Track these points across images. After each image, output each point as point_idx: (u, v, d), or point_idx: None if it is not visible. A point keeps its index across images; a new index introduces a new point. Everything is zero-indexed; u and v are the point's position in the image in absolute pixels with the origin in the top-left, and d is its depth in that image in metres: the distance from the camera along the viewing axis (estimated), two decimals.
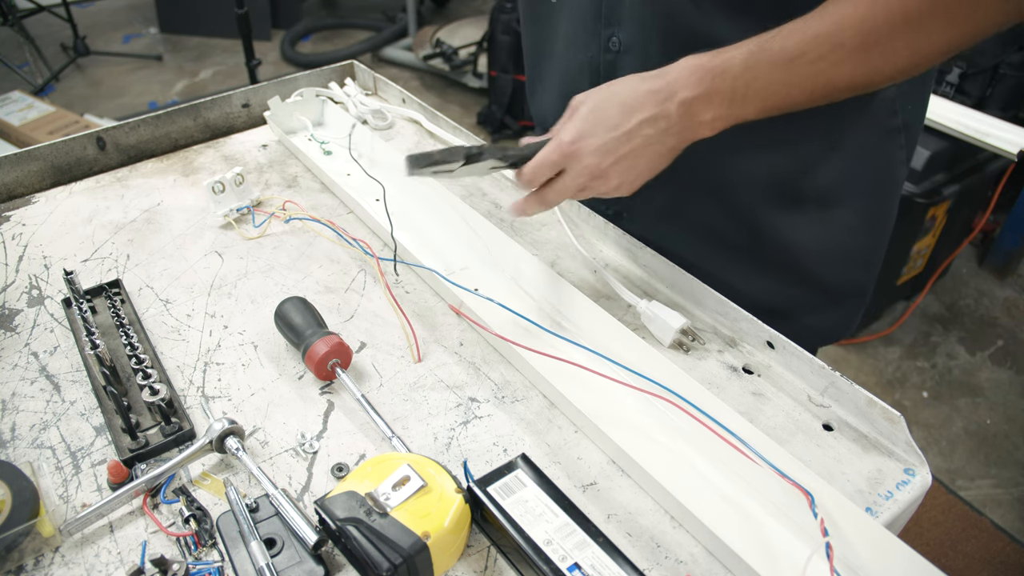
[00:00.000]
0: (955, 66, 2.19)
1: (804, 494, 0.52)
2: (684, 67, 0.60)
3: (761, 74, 0.59)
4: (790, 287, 0.83)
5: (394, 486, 0.52)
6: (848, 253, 0.83)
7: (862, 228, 0.82)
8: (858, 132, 0.75)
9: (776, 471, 0.53)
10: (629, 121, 0.61)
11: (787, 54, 0.58)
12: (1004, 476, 1.86)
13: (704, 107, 0.60)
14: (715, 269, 0.80)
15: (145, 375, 0.64)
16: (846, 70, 0.58)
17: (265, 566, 0.50)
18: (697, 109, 0.60)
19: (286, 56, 3.97)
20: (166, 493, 0.57)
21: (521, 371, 0.69)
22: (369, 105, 1.11)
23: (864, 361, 2.19)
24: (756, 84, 0.59)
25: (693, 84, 0.60)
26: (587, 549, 0.50)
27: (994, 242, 2.47)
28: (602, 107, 0.62)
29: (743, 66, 0.59)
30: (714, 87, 0.59)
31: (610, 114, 0.62)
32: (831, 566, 0.47)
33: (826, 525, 0.52)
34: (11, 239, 0.87)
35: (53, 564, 0.53)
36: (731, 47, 0.60)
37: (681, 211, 0.83)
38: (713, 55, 0.60)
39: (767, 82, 0.59)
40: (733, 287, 0.75)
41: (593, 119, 0.62)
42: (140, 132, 1.02)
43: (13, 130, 2.58)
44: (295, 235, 0.87)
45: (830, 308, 0.86)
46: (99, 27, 4.39)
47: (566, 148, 0.63)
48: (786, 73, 0.58)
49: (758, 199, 0.78)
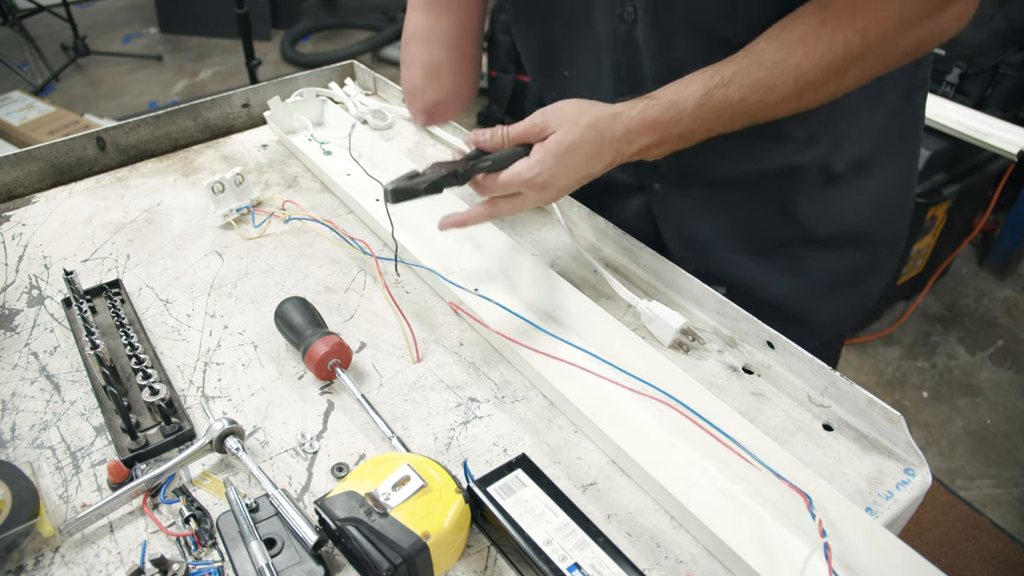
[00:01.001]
0: (955, 66, 2.19)
1: (802, 496, 0.52)
2: (641, 121, 0.67)
3: (706, 120, 0.67)
4: (835, 258, 0.85)
5: (394, 486, 0.52)
6: (888, 207, 0.85)
7: (896, 181, 0.84)
8: (877, 105, 0.77)
9: (774, 474, 0.53)
10: (588, 170, 0.68)
11: (729, 101, 0.65)
12: (1004, 476, 1.86)
13: (655, 150, 0.69)
14: (745, 265, 0.84)
15: (145, 375, 0.64)
16: (782, 108, 0.66)
17: (265, 566, 0.50)
18: (649, 151, 0.69)
19: (286, 56, 3.97)
20: (166, 493, 0.57)
21: (521, 371, 0.69)
22: (369, 105, 1.11)
23: (864, 361, 2.19)
24: (701, 128, 0.67)
25: (648, 135, 0.67)
26: (587, 549, 0.50)
27: (994, 242, 2.47)
28: (573, 152, 0.67)
29: (691, 117, 0.66)
30: (665, 135, 0.67)
31: (579, 161, 0.67)
32: (830, 567, 0.47)
33: (825, 526, 0.52)
34: (11, 239, 0.87)
35: (53, 564, 0.53)
36: (682, 90, 0.66)
37: (716, 205, 0.84)
38: (665, 108, 0.66)
39: (711, 125, 0.67)
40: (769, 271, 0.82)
41: (566, 166, 0.67)
42: (140, 132, 1.02)
43: (13, 130, 2.58)
44: (295, 235, 0.87)
45: (871, 268, 0.88)
46: (99, 27, 4.39)
47: (536, 185, 0.67)
48: (728, 116, 0.67)
49: (796, 185, 0.79)
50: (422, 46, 0.85)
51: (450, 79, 0.85)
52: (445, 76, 0.84)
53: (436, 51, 0.84)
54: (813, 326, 0.87)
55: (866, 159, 0.79)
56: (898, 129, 0.81)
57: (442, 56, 0.84)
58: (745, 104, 0.66)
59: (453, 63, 0.85)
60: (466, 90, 0.87)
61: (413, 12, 0.86)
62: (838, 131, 0.76)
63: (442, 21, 0.84)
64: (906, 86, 0.77)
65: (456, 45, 0.84)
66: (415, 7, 0.85)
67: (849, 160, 0.78)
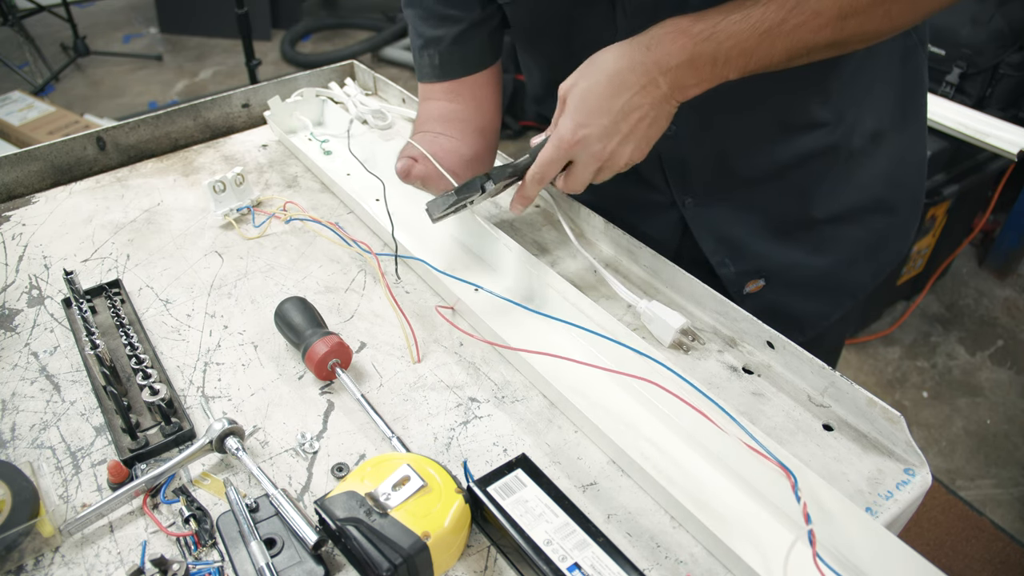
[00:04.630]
0: (955, 66, 2.19)
1: (787, 475, 0.51)
2: (666, 34, 0.61)
3: (742, 40, 0.60)
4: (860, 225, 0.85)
5: (394, 486, 0.52)
6: (905, 168, 0.85)
7: (909, 142, 0.84)
8: (886, 73, 0.77)
9: (761, 450, 0.53)
10: (620, 101, 0.62)
11: (768, 22, 0.59)
12: (1004, 476, 1.86)
13: (688, 72, 0.62)
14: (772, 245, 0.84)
15: (145, 375, 0.64)
16: (825, 35, 0.60)
17: (265, 566, 0.50)
18: (682, 75, 0.62)
19: (286, 56, 3.97)
20: (166, 493, 0.57)
21: (521, 371, 0.69)
22: (369, 105, 1.11)
23: (864, 361, 2.19)
24: (737, 49, 0.61)
25: (676, 52, 0.61)
26: (587, 549, 0.50)
27: (994, 242, 2.47)
28: (591, 92, 0.63)
29: (725, 33, 0.60)
30: (697, 52, 0.61)
31: (601, 98, 0.63)
32: (813, 552, 0.47)
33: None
34: (11, 239, 0.87)
35: (53, 564, 0.53)
36: (712, 11, 0.61)
37: (751, 203, 0.84)
38: (694, 19, 0.61)
39: (748, 47, 0.61)
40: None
41: (585, 108, 0.63)
42: (140, 132, 1.02)
43: (13, 130, 2.58)
44: (295, 235, 0.87)
45: (897, 229, 0.89)
46: (99, 27, 4.39)
47: (567, 143, 0.65)
48: (767, 39, 0.60)
49: (824, 167, 0.80)
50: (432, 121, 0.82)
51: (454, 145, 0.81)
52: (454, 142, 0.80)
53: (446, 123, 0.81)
54: (846, 292, 0.89)
55: (881, 129, 0.80)
56: (904, 93, 0.81)
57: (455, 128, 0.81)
58: (786, 28, 0.59)
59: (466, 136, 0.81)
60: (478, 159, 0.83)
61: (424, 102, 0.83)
62: (858, 107, 0.76)
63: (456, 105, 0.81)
64: (904, 50, 0.78)
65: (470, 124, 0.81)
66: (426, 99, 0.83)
67: (866, 134, 0.79)
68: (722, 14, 0.60)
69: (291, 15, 4.31)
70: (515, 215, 0.76)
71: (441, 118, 0.82)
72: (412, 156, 0.78)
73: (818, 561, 0.46)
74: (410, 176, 0.78)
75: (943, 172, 2.05)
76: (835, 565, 0.49)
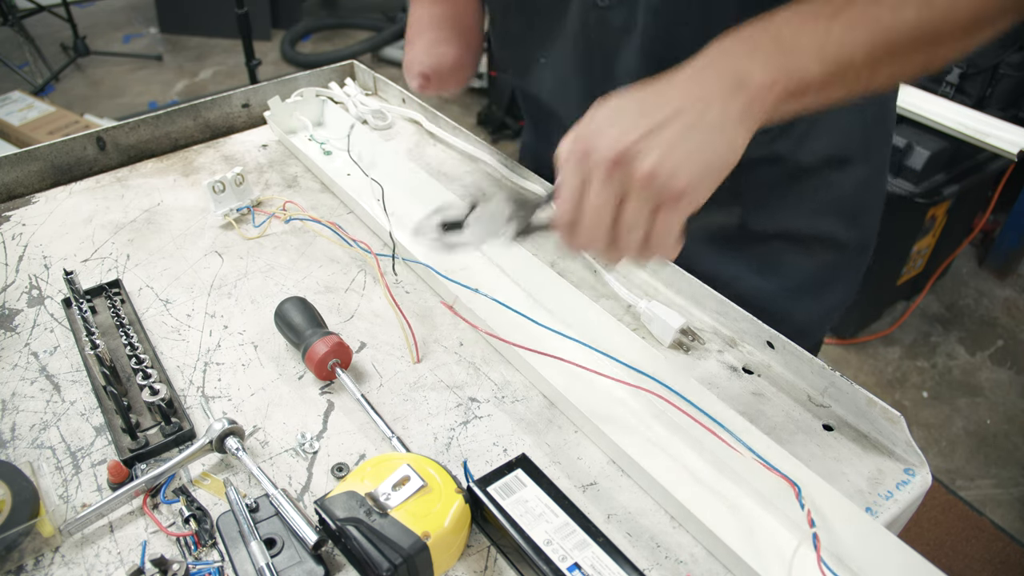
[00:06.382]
0: (955, 66, 2.19)
1: (791, 485, 0.52)
2: (716, 41, 0.52)
3: (808, 20, 0.51)
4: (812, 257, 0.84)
5: (394, 486, 0.52)
6: (859, 205, 0.83)
7: (865, 177, 0.82)
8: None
9: (763, 463, 0.53)
10: (662, 98, 0.50)
11: (836, 2, 0.51)
12: (1004, 476, 1.86)
13: (746, 59, 0.50)
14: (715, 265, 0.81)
15: (145, 375, 0.64)
16: (909, 15, 0.51)
17: (265, 566, 0.50)
18: (738, 61, 0.50)
19: (286, 56, 3.97)
20: (166, 493, 0.57)
21: (521, 371, 0.69)
22: (369, 105, 1.11)
23: (864, 361, 2.19)
24: (804, 33, 0.51)
25: (728, 44, 0.52)
26: (587, 549, 0.50)
27: (994, 242, 2.47)
28: (630, 97, 0.52)
29: (784, 18, 0.51)
30: (753, 39, 0.51)
31: (639, 99, 0.51)
32: (818, 556, 0.47)
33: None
34: (11, 239, 0.87)
35: (53, 564, 0.53)
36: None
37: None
38: (755, 21, 0.52)
39: (817, 30, 0.51)
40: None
41: (606, 115, 0.51)
42: (140, 132, 1.02)
43: (13, 130, 2.58)
44: (295, 235, 0.87)
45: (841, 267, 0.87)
46: (99, 27, 4.39)
47: (583, 152, 0.50)
48: (838, 21, 0.51)
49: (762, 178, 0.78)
50: (422, 26, 0.87)
51: (450, 50, 0.85)
52: (443, 47, 0.85)
53: (436, 29, 0.86)
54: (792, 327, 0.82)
55: (838, 156, 0.78)
56: (870, 124, 0.79)
57: (442, 33, 0.86)
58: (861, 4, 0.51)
59: (453, 38, 0.86)
60: (466, 63, 0.87)
61: (414, 5, 0.89)
62: (809, 122, 0.74)
63: (442, 6, 0.87)
64: None
65: (456, 23, 0.86)
66: (416, 1, 0.88)
67: (819, 153, 0.77)
68: (782, 7, 0.52)
69: (291, 15, 4.31)
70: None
71: (431, 22, 0.87)
72: (422, 73, 0.85)
73: (823, 566, 0.46)
74: (428, 90, 0.86)
75: (943, 172, 2.05)
76: (835, 565, 0.49)
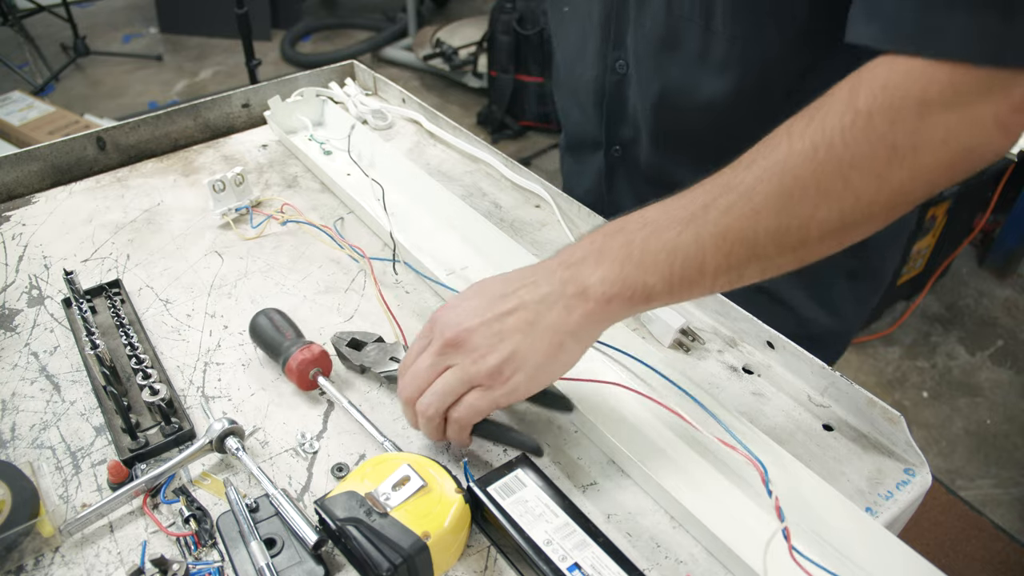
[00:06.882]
0: None
1: (756, 466, 0.50)
2: (578, 239, 0.54)
3: (658, 228, 0.50)
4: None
5: (394, 486, 0.52)
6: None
7: None
8: None
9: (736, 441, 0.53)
10: (506, 283, 0.54)
11: (692, 208, 0.50)
12: (1004, 476, 1.86)
13: (592, 267, 0.51)
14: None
15: (145, 375, 0.64)
16: (768, 223, 0.48)
17: (265, 566, 0.50)
18: (584, 269, 0.52)
19: (286, 56, 3.97)
20: (166, 493, 0.57)
21: None
22: (369, 105, 1.11)
23: (864, 361, 2.19)
24: (652, 242, 0.50)
25: (583, 246, 0.53)
26: (587, 549, 0.50)
27: (994, 242, 2.47)
28: (491, 282, 0.55)
29: (638, 223, 0.51)
30: (605, 245, 0.52)
31: (496, 285, 0.54)
32: (789, 545, 0.46)
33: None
34: (11, 239, 0.87)
35: (53, 564, 0.53)
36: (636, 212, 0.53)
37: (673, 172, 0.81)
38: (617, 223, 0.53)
39: (667, 239, 0.50)
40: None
41: (460, 298, 0.55)
42: (140, 132, 1.02)
43: (13, 130, 2.58)
44: (295, 235, 0.87)
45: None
46: (99, 27, 4.39)
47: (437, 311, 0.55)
48: (690, 229, 0.49)
49: None
50: None
51: None
52: None
53: None
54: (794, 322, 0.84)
55: None
56: None
57: None
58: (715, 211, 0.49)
59: None
60: None
61: None
62: None
63: None
64: None
65: None
66: None
67: None
68: (644, 209, 0.52)
69: (291, 15, 4.31)
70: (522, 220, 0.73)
71: None
72: None
73: (794, 554, 0.46)
74: None
75: None
76: (835, 565, 0.49)
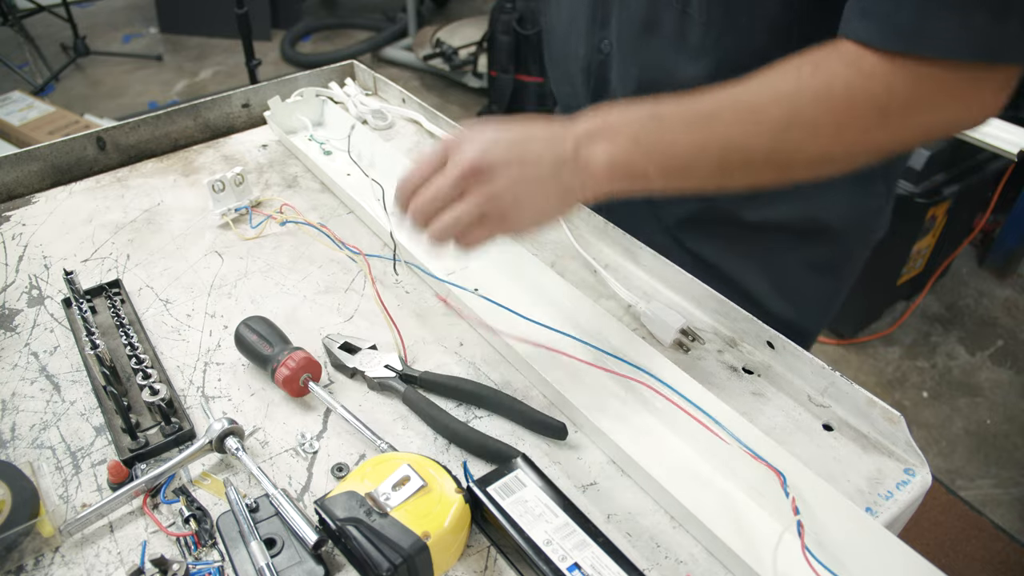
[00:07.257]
0: None
1: (776, 474, 0.51)
2: (589, 110, 0.56)
3: (668, 124, 0.53)
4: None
5: (394, 486, 0.52)
6: (853, 204, 0.81)
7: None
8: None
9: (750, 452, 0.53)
10: (524, 132, 0.55)
11: (701, 112, 0.53)
12: (1004, 476, 1.86)
13: (599, 140, 0.54)
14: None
15: (145, 375, 0.64)
16: (763, 142, 0.53)
17: (265, 566, 0.50)
18: (592, 140, 0.54)
19: (286, 56, 3.97)
20: (166, 493, 0.57)
21: (521, 371, 0.69)
22: (369, 105, 1.11)
23: (864, 361, 2.19)
24: (661, 134, 0.54)
25: (591, 117, 0.55)
26: (587, 549, 0.50)
27: (994, 242, 2.47)
28: (488, 125, 0.56)
29: (651, 113, 0.54)
30: (613, 122, 0.54)
31: (517, 130, 0.56)
32: (802, 543, 0.47)
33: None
34: (11, 239, 0.87)
35: (53, 564, 0.53)
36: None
37: None
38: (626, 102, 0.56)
39: (674, 135, 0.53)
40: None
41: (478, 131, 0.56)
42: (140, 132, 1.02)
43: (13, 130, 2.58)
44: (295, 235, 0.87)
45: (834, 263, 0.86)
46: (99, 27, 4.39)
47: (459, 134, 0.56)
48: (696, 131, 0.53)
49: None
50: None
51: None
52: None
53: None
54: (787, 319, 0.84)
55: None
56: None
57: None
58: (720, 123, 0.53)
59: None
60: None
61: None
62: None
63: None
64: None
65: None
66: None
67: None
68: (654, 100, 0.54)
69: (291, 15, 4.31)
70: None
71: None
72: None
73: (806, 553, 0.46)
74: None
75: (943, 172, 2.05)
76: (835, 565, 0.49)
